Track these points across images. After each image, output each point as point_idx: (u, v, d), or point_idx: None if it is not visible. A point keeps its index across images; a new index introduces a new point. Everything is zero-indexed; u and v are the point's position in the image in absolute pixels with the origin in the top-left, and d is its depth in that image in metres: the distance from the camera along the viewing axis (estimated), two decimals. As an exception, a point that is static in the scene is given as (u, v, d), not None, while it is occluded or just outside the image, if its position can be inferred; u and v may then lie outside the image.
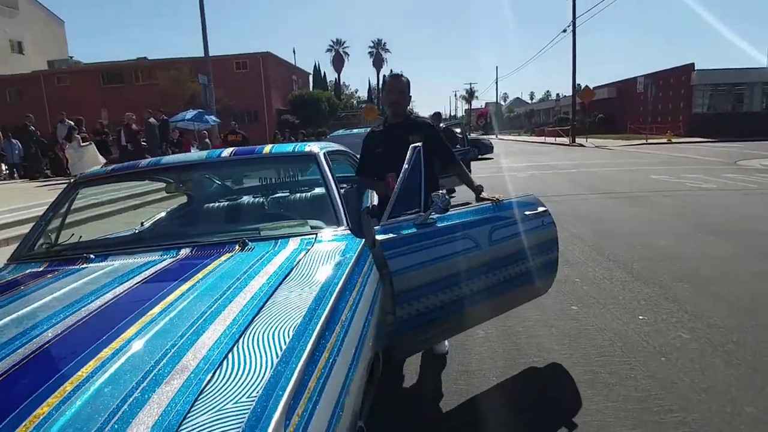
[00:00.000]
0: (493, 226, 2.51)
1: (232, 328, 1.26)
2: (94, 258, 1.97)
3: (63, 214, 2.53)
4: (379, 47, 70.85)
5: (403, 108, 2.89)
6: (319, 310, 1.36)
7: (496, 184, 11.22)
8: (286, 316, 1.32)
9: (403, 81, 2.88)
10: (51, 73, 33.42)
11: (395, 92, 2.84)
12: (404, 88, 2.87)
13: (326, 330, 1.31)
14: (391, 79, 2.93)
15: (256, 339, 1.20)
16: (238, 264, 1.75)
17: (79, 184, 2.56)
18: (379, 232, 2.13)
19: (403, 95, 2.86)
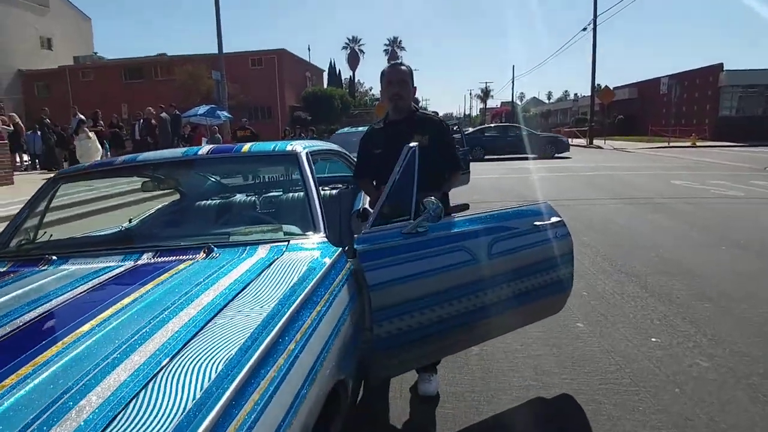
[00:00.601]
0: (495, 237, 2.28)
1: (157, 357, 1.09)
2: (55, 260, 1.85)
3: (42, 210, 2.41)
4: (394, 45, 70.62)
5: (406, 102, 2.53)
6: (263, 335, 1.19)
7: (505, 186, 10.95)
8: (223, 343, 1.15)
9: (404, 70, 2.52)
10: (76, 68, 34.11)
11: (395, 83, 2.47)
12: (406, 77, 2.50)
13: (266, 360, 1.13)
14: (389, 69, 2.55)
15: (178, 373, 1.03)
16: (195, 274, 1.60)
17: (59, 180, 2.43)
18: (360, 242, 1.94)
19: (405, 86, 2.49)
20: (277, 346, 1.18)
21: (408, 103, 2.56)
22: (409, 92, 2.54)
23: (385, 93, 2.54)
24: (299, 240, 1.93)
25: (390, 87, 2.50)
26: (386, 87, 2.52)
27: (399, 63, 2.60)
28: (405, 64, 2.59)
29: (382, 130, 2.63)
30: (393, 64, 2.60)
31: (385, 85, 2.52)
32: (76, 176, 2.53)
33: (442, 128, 2.59)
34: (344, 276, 1.79)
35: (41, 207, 2.39)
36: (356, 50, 64.65)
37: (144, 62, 35.03)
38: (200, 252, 1.79)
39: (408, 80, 2.52)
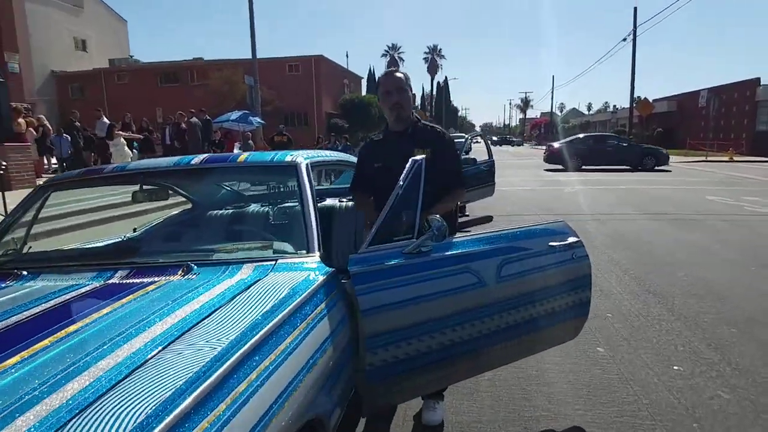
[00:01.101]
0: (505, 258, 2.13)
1: (84, 394, 0.98)
2: (25, 275, 1.76)
3: (30, 220, 2.36)
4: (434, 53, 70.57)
5: (407, 111, 2.36)
6: (207, 374, 1.06)
7: (536, 199, 10.68)
8: (161, 381, 1.02)
9: (400, 77, 2.33)
10: (111, 71, 35.01)
11: (394, 92, 2.30)
12: (403, 85, 2.32)
13: (206, 403, 1.00)
14: (385, 78, 2.37)
15: (99, 417, 0.91)
16: (162, 296, 1.50)
17: (48, 188, 2.38)
18: (355, 262, 1.83)
19: (404, 94, 2.32)
20: (221, 388, 1.06)
21: (408, 113, 2.40)
22: (409, 100, 2.38)
23: (384, 103, 2.36)
24: (289, 259, 1.83)
25: (389, 97, 2.33)
26: (384, 97, 2.35)
27: (394, 70, 2.40)
28: (400, 71, 2.41)
29: (382, 142, 2.49)
30: (388, 72, 2.42)
31: (383, 95, 2.35)
32: (66, 184, 2.47)
33: (445, 141, 2.42)
34: (332, 300, 1.69)
35: (29, 216, 2.32)
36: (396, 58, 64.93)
37: (180, 66, 35.80)
38: (179, 271, 1.70)
39: (406, 88, 2.36)
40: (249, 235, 2.36)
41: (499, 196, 11.08)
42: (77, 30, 33.98)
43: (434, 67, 70.70)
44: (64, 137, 12.58)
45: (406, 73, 2.39)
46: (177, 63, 36.25)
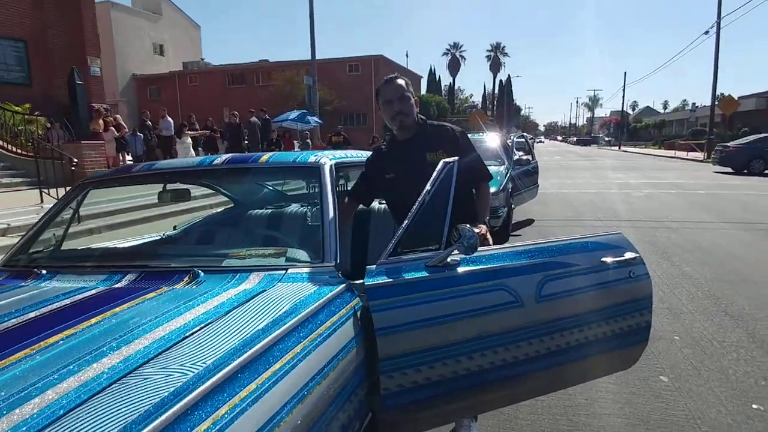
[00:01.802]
0: (547, 275, 1.88)
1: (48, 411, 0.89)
2: (44, 275, 1.75)
3: (69, 217, 2.38)
4: (497, 51, 69.17)
5: (411, 117, 2.20)
6: (172, 403, 0.94)
7: (601, 203, 10.01)
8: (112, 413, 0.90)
9: (400, 84, 2.17)
10: (184, 73, 37.09)
11: (395, 101, 2.15)
12: (405, 92, 2.17)
13: None
14: (384, 87, 2.20)
15: None
16: (161, 305, 1.40)
17: (86, 185, 2.39)
18: (373, 274, 1.66)
19: (406, 102, 2.17)
20: (183, 422, 0.92)
21: (412, 119, 2.21)
22: (412, 107, 2.20)
23: (386, 114, 2.20)
24: (301, 268, 1.70)
25: (390, 106, 2.17)
26: (386, 107, 2.19)
27: (393, 77, 2.22)
28: (401, 76, 2.22)
29: (390, 152, 2.31)
30: (387, 80, 2.22)
31: (384, 104, 2.19)
32: (99, 183, 2.47)
33: (455, 135, 2.24)
34: (344, 316, 1.52)
35: (66, 214, 2.34)
36: (457, 56, 64.24)
37: (246, 68, 37.28)
38: (185, 277, 1.62)
39: (407, 95, 2.19)
40: (270, 239, 2.25)
41: (560, 200, 10.54)
42: (156, 35, 36.25)
43: (497, 65, 69.17)
44: (138, 136, 13.30)
45: (406, 79, 2.23)
46: (244, 65, 37.75)
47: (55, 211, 2.32)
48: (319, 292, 1.53)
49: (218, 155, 2.25)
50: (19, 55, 12.56)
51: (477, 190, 2.26)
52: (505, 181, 6.68)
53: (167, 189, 2.52)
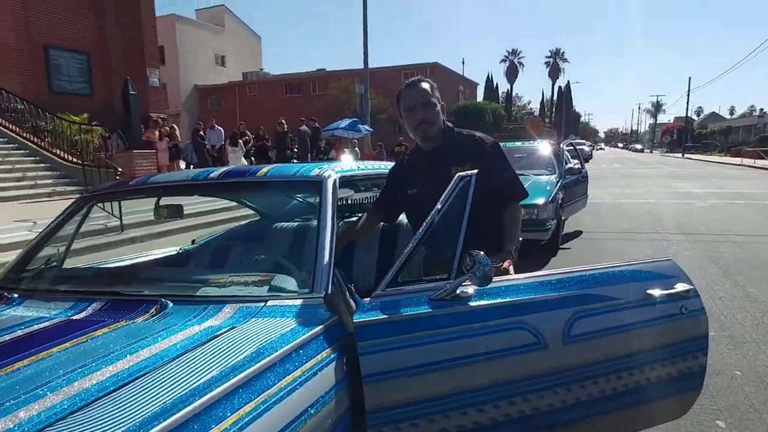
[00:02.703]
0: (578, 311, 1.57)
1: None
2: (14, 298, 1.62)
3: (71, 233, 2.27)
4: (556, 57, 67.18)
5: (436, 127, 1.94)
6: None
7: (661, 214, 9.26)
8: None
9: (423, 88, 1.92)
10: (244, 83, 38.33)
11: (418, 108, 1.90)
12: (429, 97, 1.90)
13: None
14: (406, 91, 1.94)
15: None
16: (110, 342, 1.23)
17: (89, 199, 2.28)
18: (364, 310, 1.42)
19: (430, 108, 1.90)
20: None
21: (438, 127, 1.95)
22: (438, 114, 1.93)
23: (408, 123, 1.95)
24: (283, 300, 1.48)
25: (412, 114, 1.91)
26: (408, 115, 1.93)
27: (416, 80, 1.96)
28: (425, 79, 1.96)
29: (413, 163, 2.07)
30: (409, 83, 1.96)
31: (405, 111, 1.94)
32: (99, 196, 2.36)
33: (484, 146, 1.95)
34: (320, 363, 1.29)
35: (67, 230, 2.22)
36: (515, 63, 62.88)
37: (303, 78, 38.07)
38: (152, 308, 1.44)
39: (433, 100, 1.92)
40: (263, 262, 2.06)
41: (616, 210, 9.85)
42: (218, 47, 37.78)
43: (556, 71, 67.11)
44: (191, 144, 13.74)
45: (431, 82, 1.96)
46: (301, 74, 38.58)
47: (56, 225, 2.22)
48: (294, 332, 1.31)
49: (216, 168, 2.09)
50: (81, 66, 13.26)
51: (506, 211, 1.97)
52: (554, 192, 6.24)
53: (160, 204, 2.39)
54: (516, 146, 8.22)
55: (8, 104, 10.75)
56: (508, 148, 8.29)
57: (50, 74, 12.64)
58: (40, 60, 12.49)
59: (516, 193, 2.00)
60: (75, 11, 13.18)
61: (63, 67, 13.00)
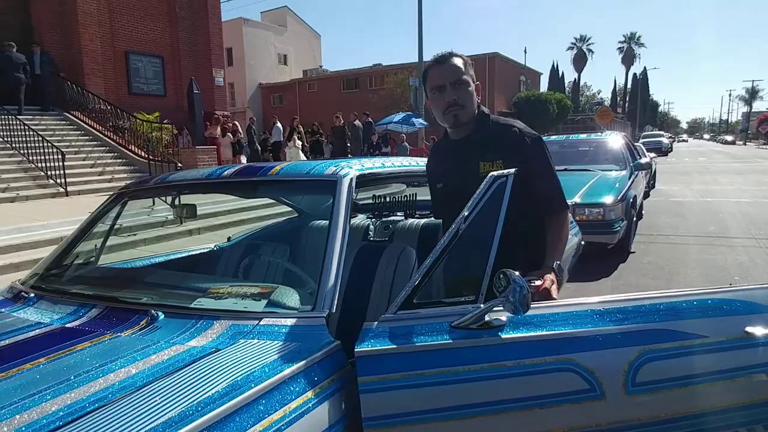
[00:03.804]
0: (646, 351, 1.22)
1: None
2: (30, 298, 1.59)
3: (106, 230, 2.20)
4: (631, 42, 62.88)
5: (469, 111, 1.61)
6: None
7: (757, 215, 8.22)
8: None
9: (455, 65, 1.58)
10: (304, 80, 39.12)
11: (448, 87, 1.57)
12: (461, 74, 1.57)
13: None
14: (433, 69, 1.61)
15: None
16: (91, 357, 1.15)
17: (123, 195, 2.18)
18: (369, 337, 1.17)
19: (462, 89, 1.57)
20: None
21: (471, 112, 1.61)
22: (472, 95, 1.60)
23: (436, 106, 1.62)
24: (278, 319, 1.28)
25: (441, 95, 1.59)
26: (436, 96, 1.61)
27: (446, 55, 1.61)
28: (456, 53, 1.61)
29: (440, 153, 1.77)
30: (438, 58, 1.62)
31: (433, 93, 1.62)
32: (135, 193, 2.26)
33: (524, 140, 1.59)
34: (313, 399, 1.07)
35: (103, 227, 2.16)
36: (583, 50, 59.49)
37: (360, 73, 38.24)
38: (143, 319, 1.32)
39: (466, 78, 1.58)
40: (277, 270, 1.87)
41: (701, 210, 8.89)
42: (280, 47, 38.81)
43: (630, 57, 62.84)
44: (247, 141, 14.05)
45: (465, 57, 1.61)
46: (358, 70, 38.78)
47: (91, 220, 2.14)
48: (281, 362, 1.10)
49: (231, 166, 1.92)
50: (155, 69, 13.98)
51: (548, 223, 1.62)
52: (625, 189, 5.60)
53: (175, 204, 2.26)
54: (581, 138, 7.59)
55: (93, 105, 11.53)
56: (572, 141, 7.67)
57: (130, 77, 13.45)
58: (122, 64, 13.33)
59: (558, 205, 1.63)
60: (152, 18, 13.98)
61: (140, 70, 13.77)
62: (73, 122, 11.13)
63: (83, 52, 11.97)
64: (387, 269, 1.82)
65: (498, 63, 35.58)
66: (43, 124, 10.16)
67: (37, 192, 8.32)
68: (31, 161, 8.82)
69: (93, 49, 12.22)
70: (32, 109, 10.60)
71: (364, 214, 3.02)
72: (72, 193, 8.40)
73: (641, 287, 4.40)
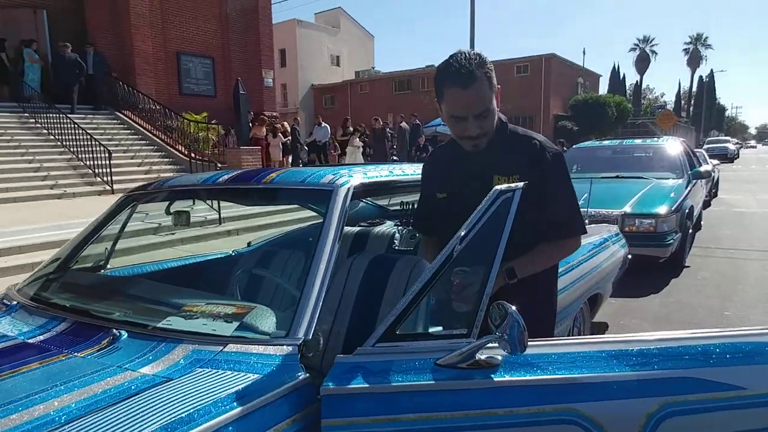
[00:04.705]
0: (669, 403, 1.03)
1: None
2: (12, 306, 1.54)
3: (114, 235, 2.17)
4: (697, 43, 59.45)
5: (490, 135, 1.39)
6: None
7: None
8: None
9: (481, 93, 1.31)
10: (355, 82, 39.36)
11: (470, 120, 1.33)
12: (487, 104, 1.32)
13: None
14: (453, 92, 1.34)
15: None
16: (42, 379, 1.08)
17: (131, 199, 2.13)
18: (339, 372, 1.04)
19: (486, 120, 1.35)
20: None
21: (490, 125, 1.38)
22: (494, 115, 1.37)
23: (453, 130, 1.41)
24: (247, 344, 1.16)
25: (461, 124, 1.36)
26: (454, 123, 1.38)
27: (468, 74, 1.29)
28: (479, 66, 1.30)
29: (447, 160, 1.54)
30: (460, 76, 1.30)
31: (451, 120, 1.38)
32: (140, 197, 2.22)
33: (544, 155, 1.40)
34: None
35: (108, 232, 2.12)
36: (647, 51, 56.75)
37: (412, 74, 38.10)
38: (106, 338, 1.24)
39: (492, 102, 1.34)
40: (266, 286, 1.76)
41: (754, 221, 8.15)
42: (333, 48, 39.26)
43: (696, 59, 59.31)
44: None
45: (487, 67, 1.32)
46: (409, 71, 38.66)
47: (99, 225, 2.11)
48: (235, 398, 0.99)
49: (227, 172, 1.84)
50: (206, 70, 14.37)
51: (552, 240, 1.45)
52: (680, 199, 5.19)
53: (170, 210, 2.20)
54: (636, 144, 7.12)
55: (144, 105, 12.00)
56: (626, 146, 7.20)
57: (180, 77, 13.91)
58: (173, 65, 13.80)
59: (574, 228, 1.45)
60: (203, 20, 14.39)
61: (191, 70, 14.22)
62: (124, 121, 11.56)
63: (135, 53, 12.41)
64: (397, 284, 1.66)
65: (555, 64, 34.52)
66: (94, 123, 10.61)
67: (85, 189, 8.66)
68: (80, 159, 9.20)
69: (144, 49, 12.66)
70: (85, 108, 11.07)
71: (392, 222, 2.90)
72: (117, 191, 8.74)
73: (693, 306, 4.05)
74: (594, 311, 2.93)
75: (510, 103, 30.99)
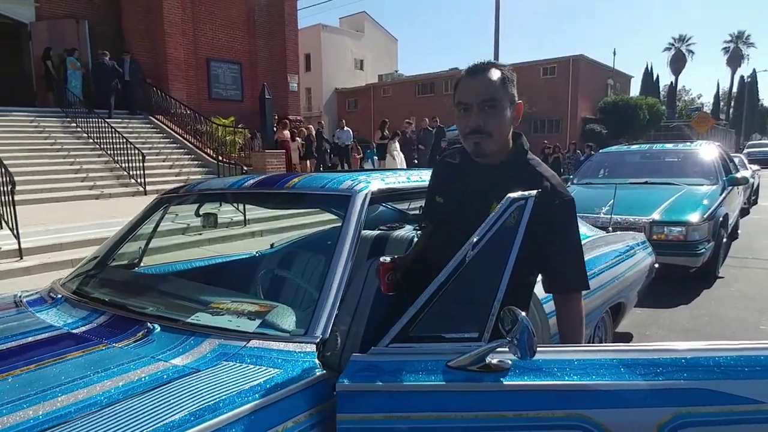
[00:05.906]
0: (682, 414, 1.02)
1: None
2: (57, 299, 1.66)
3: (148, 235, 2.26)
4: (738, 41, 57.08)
5: (496, 141, 1.33)
6: None
7: None
8: None
9: (488, 80, 1.29)
10: (378, 85, 39.49)
11: (474, 108, 1.30)
12: (492, 93, 1.29)
13: None
14: (463, 81, 1.34)
15: None
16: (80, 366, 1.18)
17: (164, 201, 2.22)
18: (353, 371, 1.08)
19: (491, 113, 1.30)
20: None
21: (502, 141, 1.35)
22: (505, 121, 1.33)
23: (458, 124, 1.37)
24: (268, 341, 1.24)
25: (464, 114, 1.32)
26: (460, 114, 1.34)
27: (483, 66, 1.32)
28: (496, 65, 1.33)
29: (454, 167, 1.49)
30: (471, 69, 1.33)
31: (458, 108, 1.35)
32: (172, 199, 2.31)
33: (554, 203, 1.31)
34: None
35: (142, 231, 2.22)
36: (682, 51, 54.81)
37: (435, 78, 38.02)
38: (141, 331, 1.34)
39: (501, 98, 1.30)
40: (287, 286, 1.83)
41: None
42: (357, 52, 39.52)
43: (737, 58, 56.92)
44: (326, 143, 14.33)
45: (506, 70, 1.33)
46: (433, 74, 38.60)
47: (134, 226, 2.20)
48: (256, 390, 1.05)
49: (252, 177, 1.91)
50: (234, 75, 14.74)
51: (559, 305, 1.39)
52: (714, 206, 4.99)
53: (199, 212, 2.29)
54: (667, 149, 6.82)
55: (176, 110, 12.39)
56: (656, 150, 6.96)
57: (210, 83, 14.30)
58: (203, 71, 14.21)
59: (576, 283, 1.36)
60: (232, 27, 14.79)
61: (220, 76, 14.60)
62: (157, 126, 11.98)
63: (168, 60, 12.88)
64: None
65: (583, 66, 33.88)
66: (130, 128, 11.05)
67: (120, 190, 9.03)
68: (116, 161, 9.61)
69: (177, 56, 13.12)
70: (121, 113, 11.56)
71: (411, 226, 2.93)
72: (150, 192, 9.03)
73: (725, 319, 3.89)
74: (617, 321, 2.86)
75: (536, 107, 30.61)
